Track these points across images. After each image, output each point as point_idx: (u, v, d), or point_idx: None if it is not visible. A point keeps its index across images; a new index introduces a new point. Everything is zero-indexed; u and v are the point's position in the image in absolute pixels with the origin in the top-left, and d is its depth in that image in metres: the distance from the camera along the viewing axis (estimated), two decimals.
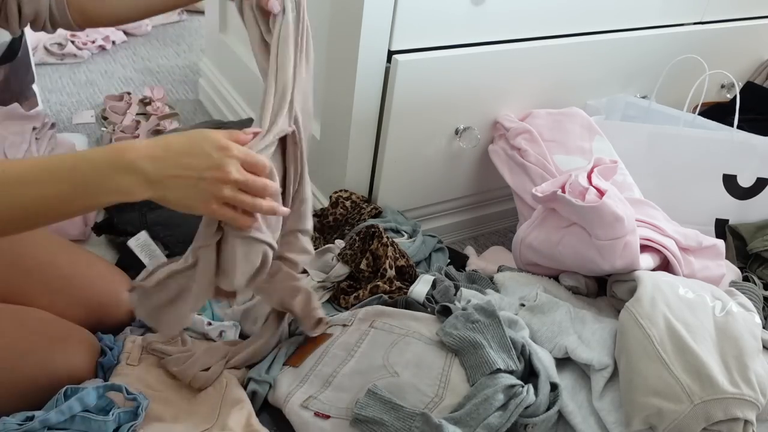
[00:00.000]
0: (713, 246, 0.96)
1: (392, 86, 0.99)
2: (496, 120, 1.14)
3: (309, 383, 0.82)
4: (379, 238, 0.96)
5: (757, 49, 1.47)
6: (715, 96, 1.45)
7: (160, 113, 1.53)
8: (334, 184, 1.14)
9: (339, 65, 1.02)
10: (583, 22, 1.13)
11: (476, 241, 1.32)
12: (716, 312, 0.82)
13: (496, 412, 0.71)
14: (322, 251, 0.99)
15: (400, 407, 0.73)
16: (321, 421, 0.76)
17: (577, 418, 0.78)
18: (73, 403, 0.70)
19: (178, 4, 0.93)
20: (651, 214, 0.98)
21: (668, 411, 0.72)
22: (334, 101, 1.06)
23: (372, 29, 0.94)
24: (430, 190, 1.18)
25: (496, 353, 0.77)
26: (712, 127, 1.20)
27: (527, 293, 0.92)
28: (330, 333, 0.90)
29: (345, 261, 0.98)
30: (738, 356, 0.76)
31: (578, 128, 1.11)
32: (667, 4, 1.22)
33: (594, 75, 1.21)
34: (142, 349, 0.85)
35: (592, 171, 0.91)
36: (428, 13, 0.96)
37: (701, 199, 1.18)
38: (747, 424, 0.72)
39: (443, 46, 1.01)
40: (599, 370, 0.79)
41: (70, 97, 1.62)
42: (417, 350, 0.81)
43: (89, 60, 1.81)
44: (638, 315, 0.79)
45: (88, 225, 1.10)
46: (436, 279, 0.95)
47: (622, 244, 0.85)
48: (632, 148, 1.15)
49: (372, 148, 1.08)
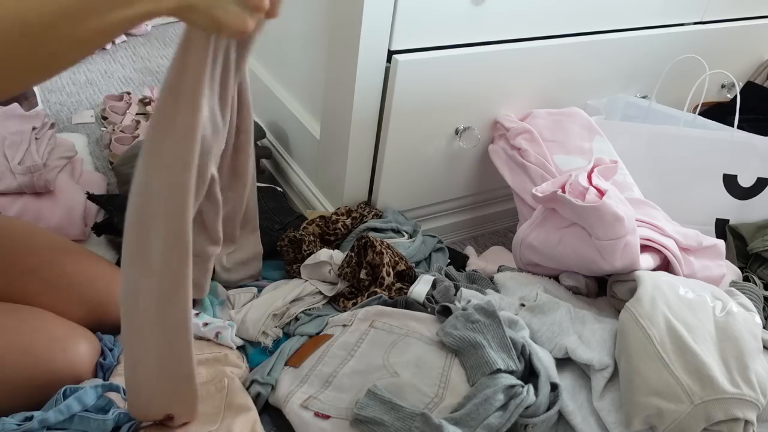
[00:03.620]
0: (713, 246, 0.96)
1: (392, 86, 0.99)
2: (496, 120, 1.14)
3: (309, 383, 0.82)
4: (373, 248, 0.96)
5: (758, 49, 1.47)
6: (716, 96, 1.44)
7: None
8: (334, 184, 1.13)
9: (339, 65, 1.02)
10: (583, 22, 1.13)
11: (476, 241, 1.32)
12: (716, 312, 0.82)
13: (497, 412, 0.71)
14: (319, 264, 0.99)
15: (400, 407, 0.73)
16: (321, 421, 0.76)
17: (577, 418, 0.78)
18: (72, 403, 0.70)
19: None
20: (651, 214, 0.98)
21: (668, 411, 0.72)
22: (334, 101, 1.06)
23: (372, 29, 0.93)
24: (430, 190, 1.18)
25: (496, 353, 0.77)
26: (712, 127, 1.20)
27: (527, 293, 0.92)
28: (330, 333, 0.90)
29: (345, 278, 0.98)
30: (738, 356, 0.76)
31: (578, 128, 1.11)
32: (667, 4, 1.22)
33: (594, 75, 1.21)
34: None
35: (592, 171, 0.91)
36: (428, 13, 0.96)
37: (701, 199, 1.17)
38: (747, 424, 0.72)
39: (443, 46, 1.01)
40: (599, 370, 0.79)
41: (70, 97, 1.62)
42: (417, 350, 0.81)
43: (89, 60, 1.81)
44: (638, 315, 0.79)
45: (88, 225, 1.10)
46: (436, 279, 0.95)
47: (622, 244, 0.85)
48: (632, 148, 1.14)
49: (372, 148, 1.08)
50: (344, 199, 1.12)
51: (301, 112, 1.21)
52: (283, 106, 1.26)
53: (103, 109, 1.53)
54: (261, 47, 1.33)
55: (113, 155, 1.35)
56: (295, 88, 1.23)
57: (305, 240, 1.02)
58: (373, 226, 1.07)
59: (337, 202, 1.14)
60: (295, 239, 1.03)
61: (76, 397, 0.70)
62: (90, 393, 0.72)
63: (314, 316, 0.95)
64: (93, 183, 1.23)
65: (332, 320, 0.93)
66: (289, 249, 1.03)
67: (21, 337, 0.75)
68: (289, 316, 0.95)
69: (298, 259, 1.02)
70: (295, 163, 1.28)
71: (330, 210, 1.16)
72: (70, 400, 0.70)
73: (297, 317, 0.95)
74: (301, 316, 0.95)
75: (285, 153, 1.31)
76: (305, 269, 1.00)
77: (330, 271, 0.99)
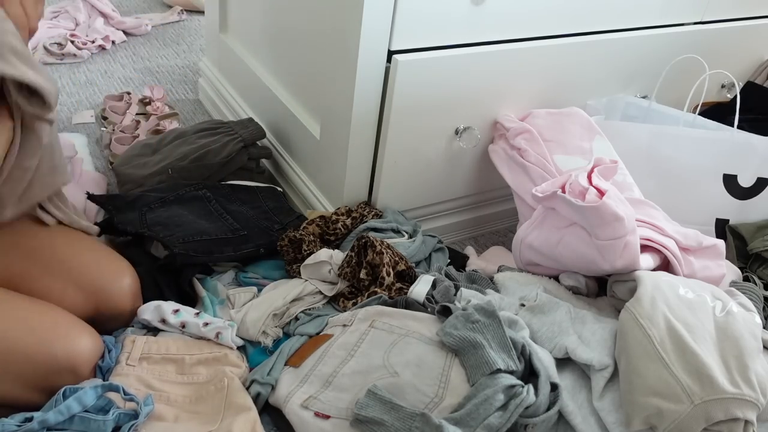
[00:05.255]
0: (713, 246, 0.96)
1: (392, 86, 0.99)
2: (496, 120, 1.14)
3: (309, 383, 0.82)
4: (373, 248, 0.96)
5: (758, 49, 1.47)
6: (716, 96, 1.44)
7: (159, 113, 1.53)
8: (334, 184, 1.14)
9: (339, 65, 1.02)
10: (583, 22, 1.13)
11: (476, 241, 1.32)
12: (716, 312, 0.82)
13: (497, 412, 0.71)
14: (319, 264, 0.99)
15: (400, 407, 0.73)
16: (321, 421, 0.76)
17: (577, 418, 0.78)
18: (72, 404, 0.70)
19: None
20: (651, 214, 0.98)
21: (668, 411, 0.72)
22: (333, 101, 1.06)
23: (372, 29, 0.94)
24: (430, 190, 1.18)
25: (496, 353, 0.77)
26: (712, 127, 1.20)
27: (527, 293, 0.92)
28: (330, 333, 0.90)
29: (345, 278, 0.99)
30: (738, 356, 0.76)
31: (578, 128, 1.11)
32: (667, 4, 1.22)
33: (594, 75, 1.21)
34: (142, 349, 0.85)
35: (592, 171, 0.91)
36: (428, 13, 0.96)
37: (701, 199, 1.17)
38: (747, 424, 0.72)
39: (443, 46, 1.01)
40: (599, 370, 0.79)
41: (70, 97, 1.62)
42: (417, 350, 0.81)
43: (89, 60, 1.81)
44: (638, 315, 0.79)
45: None
46: (436, 279, 0.95)
47: (622, 244, 0.85)
48: (632, 148, 1.14)
49: (372, 148, 1.08)
50: (344, 199, 1.12)
51: (301, 112, 1.21)
52: (283, 106, 1.26)
53: (103, 109, 1.53)
54: (261, 47, 1.34)
55: (113, 155, 1.35)
56: (295, 88, 1.23)
57: (305, 240, 1.02)
58: (373, 226, 1.07)
59: (337, 202, 1.14)
60: (295, 239, 1.03)
61: (75, 397, 0.70)
62: (90, 393, 0.72)
63: (314, 316, 0.95)
64: (93, 183, 1.23)
65: (332, 320, 0.93)
66: (289, 249, 1.03)
67: (29, 317, 0.76)
68: (289, 315, 0.95)
69: (298, 259, 1.02)
70: (295, 163, 1.28)
71: (330, 210, 1.16)
72: (69, 401, 0.70)
73: (297, 317, 0.95)
74: (301, 316, 0.95)
75: (285, 153, 1.31)
76: (305, 269, 1.00)
77: (330, 271, 0.99)
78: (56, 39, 1.81)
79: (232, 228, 1.08)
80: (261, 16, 1.30)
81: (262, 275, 1.05)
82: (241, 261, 1.06)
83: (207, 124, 1.31)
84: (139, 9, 2.18)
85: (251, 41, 1.38)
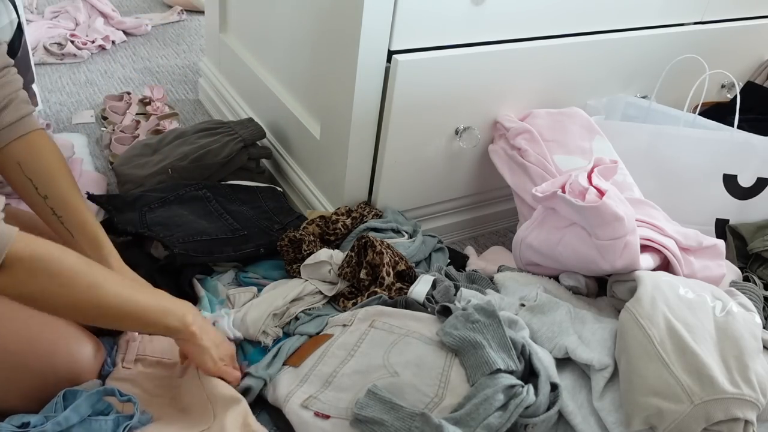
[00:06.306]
0: (713, 246, 0.96)
1: (392, 86, 0.99)
2: (496, 120, 1.14)
3: (309, 383, 0.82)
4: (373, 248, 0.96)
5: (757, 49, 1.47)
6: (716, 96, 1.44)
7: (159, 113, 1.53)
8: (334, 184, 1.14)
9: (339, 65, 1.02)
10: (583, 22, 1.13)
11: (476, 241, 1.32)
12: (716, 312, 0.82)
13: (496, 412, 0.71)
14: (319, 264, 0.99)
15: (400, 407, 0.73)
16: (321, 421, 0.76)
17: (577, 418, 0.78)
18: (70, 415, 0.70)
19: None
20: (651, 214, 0.98)
21: (668, 411, 0.72)
22: (333, 101, 1.06)
23: (372, 29, 0.94)
24: (430, 190, 1.18)
25: (496, 353, 0.77)
26: (712, 127, 1.20)
27: (527, 293, 0.92)
28: (330, 333, 0.90)
29: (345, 278, 0.98)
30: (738, 356, 0.76)
31: (578, 128, 1.11)
32: (667, 4, 1.22)
33: (594, 75, 1.21)
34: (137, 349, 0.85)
35: (592, 171, 0.91)
36: (428, 13, 0.96)
37: (701, 199, 1.17)
38: (747, 424, 0.72)
39: (443, 46, 1.01)
40: (599, 370, 0.79)
41: (70, 97, 1.62)
42: (417, 350, 0.81)
43: (89, 60, 1.81)
44: (638, 315, 0.79)
45: None
46: (436, 279, 0.95)
47: (622, 244, 0.85)
48: (632, 148, 1.14)
49: (372, 148, 1.08)
50: (344, 199, 1.12)
51: (301, 112, 1.21)
52: (283, 106, 1.26)
53: (103, 109, 1.53)
54: (261, 47, 1.34)
55: (113, 155, 1.35)
56: (295, 88, 1.23)
57: (305, 240, 1.02)
58: (373, 226, 1.07)
59: (337, 202, 1.14)
60: (295, 239, 1.03)
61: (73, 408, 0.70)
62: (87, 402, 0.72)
63: (314, 315, 0.95)
64: (93, 183, 1.23)
65: (332, 320, 0.93)
66: (289, 249, 1.03)
67: (29, 328, 0.75)
68: (289, 315, 0.95)
69: (298, 259, 1.02)
70: (295, 163, 1.28)
71: (330, 210, 1.16)
72: (67, 412, 0.70)
73: (297, 317, 0.95)
74: (301, 315, 0.95)
75: (285, 153, 1.31)
76: (305, 269, 1.00)
77: (330, 271, 0.99)
78: (56, 39, 1.81)
79: (232, 228, 1.08)
80: (261, 16, 1.30)
81: (262, 275, 1.05)
82: (241, 261, 1.06)
83: (207, 124, 1.31)
84: (139, 9, 2.18)
85: (251, 41, 1.38)
